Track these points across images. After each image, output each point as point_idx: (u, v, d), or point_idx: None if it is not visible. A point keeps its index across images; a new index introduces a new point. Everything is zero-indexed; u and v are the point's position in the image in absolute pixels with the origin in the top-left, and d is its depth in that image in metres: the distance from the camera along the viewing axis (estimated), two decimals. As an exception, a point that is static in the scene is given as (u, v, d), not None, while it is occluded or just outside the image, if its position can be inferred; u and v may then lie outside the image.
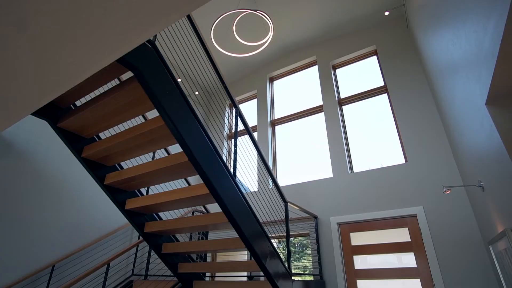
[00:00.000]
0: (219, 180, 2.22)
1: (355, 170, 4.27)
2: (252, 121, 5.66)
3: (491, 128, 1.75)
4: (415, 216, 3.54)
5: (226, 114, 6.10)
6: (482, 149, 2.09)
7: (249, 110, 5.99)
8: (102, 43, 1.50)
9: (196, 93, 5.08)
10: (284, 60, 5.73)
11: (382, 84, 4.52)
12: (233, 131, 5.90)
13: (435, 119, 3.82)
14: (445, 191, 2.59)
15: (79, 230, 3.46)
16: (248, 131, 2.86)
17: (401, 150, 4.01)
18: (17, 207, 3.02)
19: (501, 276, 2.47)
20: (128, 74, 3.71)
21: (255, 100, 5.90)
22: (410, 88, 4.16)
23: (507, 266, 2.15)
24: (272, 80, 5.94)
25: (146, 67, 1.76)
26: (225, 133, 5.90)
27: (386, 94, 4.47)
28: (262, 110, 5.60)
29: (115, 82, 3.03)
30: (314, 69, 5.40)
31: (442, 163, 3.57)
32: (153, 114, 4.08)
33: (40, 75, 1.66)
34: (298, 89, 5.70)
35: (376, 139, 4.41)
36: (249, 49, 5.05)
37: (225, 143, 5.81)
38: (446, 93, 2.94)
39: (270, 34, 4.26)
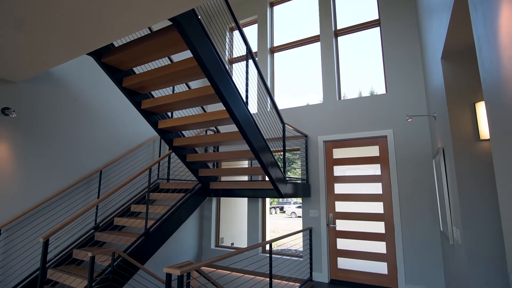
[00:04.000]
0: (236, 107, 2.86)
1: (343, 97, 4.95)
2: (251, 47, 5.96)
3: (441, 78, 2.39)
4: (385, 137, 4.41)
5: (227, 33, 6.32)
6: (437, 90, 2.76)
7: (249, 35, 6.21)
8: (160, 8, 2.00)
9: (199, 17, 5.24)
10: (286, -17, 5.72)
11: (377, 17, 4.82)
12: (233, 56, 6.25)
13: (417, 58, 4.33)
14: (407, 119, 3.34)
15: (114, 144, 4.22)
16: (252, 57, 3.36)
17: (384, 82, 4.62)
18: (67, 126, 3.69)
19: (435, 180, 3.45)
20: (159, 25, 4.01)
21: (255, 26, 6.08)
22: (402, 24, 4.51)
23: (438, 173, 3.08)
24: (272, 5, 6.02)
25: (186, 22, 2.22)
26: (226, 58, 6.25)
27: (378, 28, 4.82)
28: (262, 36, 5.87)
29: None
30: (315, -4, 5.50)
31: (415, 96, 4.25)
32: (178, 56, 4.46)
33: (106, 26, 2.18)
34: (297, 18, 5.87)
35: (363, 70, 4.96)
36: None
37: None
38: (425, 36, 3.42)
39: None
